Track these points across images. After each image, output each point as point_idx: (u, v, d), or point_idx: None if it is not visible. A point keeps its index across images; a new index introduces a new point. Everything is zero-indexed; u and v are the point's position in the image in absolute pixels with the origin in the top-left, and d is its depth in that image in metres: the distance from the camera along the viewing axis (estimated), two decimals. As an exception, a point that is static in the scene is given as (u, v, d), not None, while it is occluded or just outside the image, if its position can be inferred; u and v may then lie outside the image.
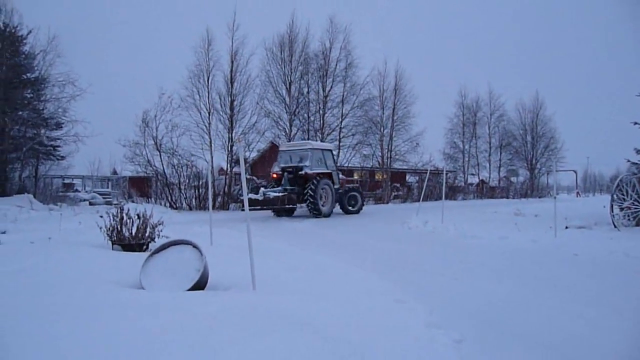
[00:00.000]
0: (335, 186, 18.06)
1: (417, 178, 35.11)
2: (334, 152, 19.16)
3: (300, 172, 17.11)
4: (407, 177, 37.40)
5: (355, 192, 19.28)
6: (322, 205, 17.10)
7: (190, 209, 21.92)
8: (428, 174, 18.66)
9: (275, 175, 17.86)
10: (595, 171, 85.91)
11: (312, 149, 17.61)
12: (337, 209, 19.19)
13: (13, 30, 20.74)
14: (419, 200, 18.90)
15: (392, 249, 8.87)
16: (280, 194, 16.34)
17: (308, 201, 16.70)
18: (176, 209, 21.52)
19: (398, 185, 33.36)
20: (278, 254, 7.69)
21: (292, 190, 16.99)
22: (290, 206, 16.96)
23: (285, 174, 17.42)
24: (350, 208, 18.84)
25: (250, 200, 16.38)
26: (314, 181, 16.66)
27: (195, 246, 5.10)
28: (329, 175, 17.74)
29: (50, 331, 3.10)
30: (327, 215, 17.09)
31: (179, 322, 3.40)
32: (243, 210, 14.92)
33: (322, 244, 9.61)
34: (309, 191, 16.59)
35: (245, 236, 4.98)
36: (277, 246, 8.91)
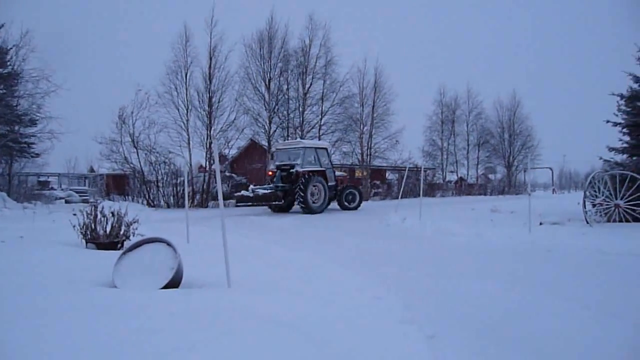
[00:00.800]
0: (330, 183, 18.41)
1: (397, 175, 35.34)
2: (330, 150, 19.37)
3: (291, 170, 17.55)
4: (387, 175, 37.60)
5: (353, 189, 19.78)
6: (314, 202, 17.47)
7: (169, 206, 21.72)
8: (407, 171, 18.81)
9: (270, 173, 18.44)
10: (571, 169, 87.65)
11: (304, 147, 18.05)
12: (335, 205, 19.59)
13: (-16, 25, 20.24)
14: (398, 198, 19.03)
15: (370, 246, 8.91)
16: (269, 191, 17.04)
17: (298, 198, 17.06)
18: (154, 206, 21.29)
19: (378, 182, 33.52)
20: (255, 252, 7.66)
21: (283, 188, 17.56)
22: (276, 203, 17.41)
23: (279, 171, 17.91)
24: (347, 204, 19.22)
25: (241, 196, 17.14)
26: (304, 179, 17.08)
27: (169, 244, 5.05)
28: (322, 173, 18.04)
29: (15, 333, 3.04)
30: (319, 212, 17.44)
31: (150, 321, 3.36)
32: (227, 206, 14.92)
33: (301, 241, 9.60)
34: (299, 188, 16.96)
35: (220, 233, 4.94)
36: (255, 244, 8.88)
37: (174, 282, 4.61)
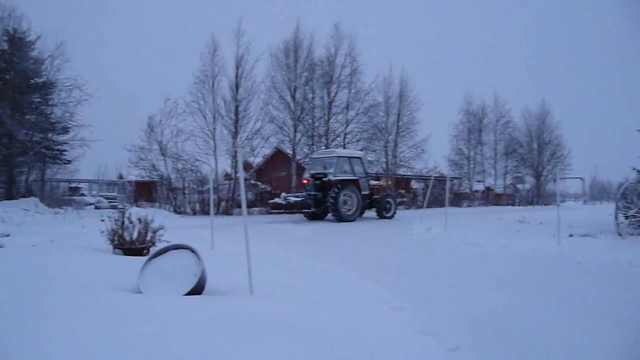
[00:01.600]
0: (363, 192, 18.55)
1: (422, 184, 35.04)
2: (364, 160, 19.58)
3: (324, 179, 17.77)
4: (412, 184, 37.33)
5: (390, 198, 19.92)
6: (346, 211, 17.61)
7: (194, 213, 22.00)
8: (432, 180, 18.65)
9: (305, 181, 18.75)
10: (602, 179, 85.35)
11: (338, 156, 18.29)
12: (368, 213, 19.96)
13: (22, 36, 20.97)
14: (422, 207, 18.89)
15: (393, 256, 8.85)
16: (300, 199, 17.41)
17: (330, 206, 17.30)
18: (180, 213, 21.61)
19: (403, 191, 33.33)
20: (277, 260, 7.68)
21: (315, 196, 17.85)
22: (307, 210, 17.81)
23: (312, 180, 18.20)
24: (384, 213, 19.34)
25: (274, 204, 17.66)
26: (336, 188, 17.27)
27: (193, 251, 5.11)
28: (355, 182, 18.17)
29: (44, 335, 3.11)
30: (351, 220, 17.60)
31: (173, 327, 3.41)
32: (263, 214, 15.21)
33: (323, 250, 9.60)
34: (330, 197, 17.16)
35: (244, 241, 4.98)
36: (278, 251, 8.91)
37: (198, 289, 4.66)
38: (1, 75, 19.60)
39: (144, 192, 25.27)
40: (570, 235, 10.94)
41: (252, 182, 26.12)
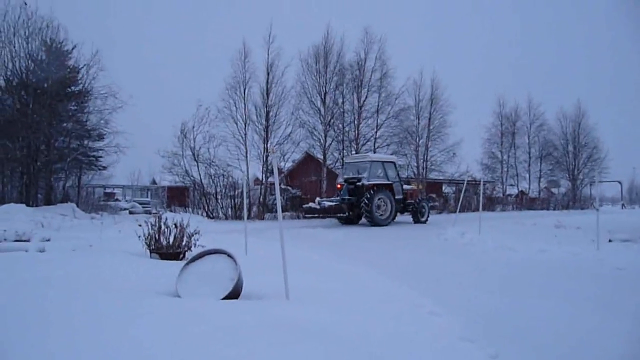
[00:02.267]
0: (397, 197, 18.57)
1: (454, 189, 34.63)
2: (397, 164, 19.61)
3: (358, 183, 17.85)
4: (443, 188, 36.93)
5: (424, 202, 19.96)
6: (380, 215, 17.65)
7: (227, 218, 22.27)
8: (465, 184, 18.38)
9: (339, 186, 18.84)
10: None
11: (371, 161, 18.38)
12: (405, 217, 20.25)
13: (59, 46, 21.66)
14: (455, 211, 18.68)
15: (427, 261, 8.79)
16: (334, 203, 17.55)
17: (363, 211, 17.41)
18: (213, 218, 21.91)
19: (434, 196, 32.99)
20: (311, 264, 7.73)
21: (349, 200, 17.94)
22: (341, 215, 17.84)
23: (346, 184, 18.30)
24: (420, 218, 19.42)
25: (309, 208, 17.78)
26: (370, 192, 17.33)
27: (230, 255, 5.19)
28: (388, 187, 18.19)
29: (89, 337, 3.22)
30: (385, 225, 17.64)
31: (213, 331, 3.47)
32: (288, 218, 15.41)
33: (357, 255, 9.60)
34: (364, 201, 17.23)
35: (279, 246, 5.03)
36: (311, 256, 8.96)
37: (235, 293, 4.73)
38: (40, 84, 20.29)
39: (177, 197, 25.74)
40: (610, 241, 10.65)
41: (283, 186, 26.29)
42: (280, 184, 26.05)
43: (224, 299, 4.61)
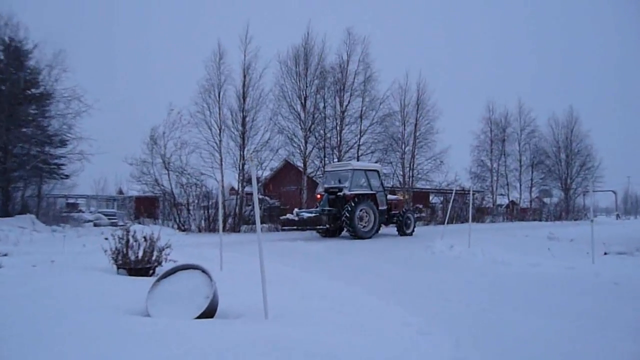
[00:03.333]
0: (381, 207, 18.58)
1: (442, 199, 34.88)
2: (381, 173, 19.63)
3: (339, 193, 17.85)
4: (430, 198, 37.21)
5: (410, 213, 19.99)
6: (363, 227, 17.65)
7: (200, 230, 22.07)
8: (453, 194, 18.59)
9: (319, 196, 18.73)
10: (637, 192, 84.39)
11: (353, 169, 18.29)
12: (390, 229, 20.22)
13: (18, 45, 21.32)
14: (443, 223, 18.81)
15: (414, 276, 8.82)
16: (313, 215, 17.34)
17: (345, 222, 17.32)
18: (184, 230, 21.69)
19: (421, 206, 33.18)
20: (291, 280, 7.69)
21: (330, 211, 17.83)
22: (321, 227, 17.73)
23: (326, 194, 18.23)
24: (405, 230, 19.41)
25: (286, 220, 17.55)
26: (352, 203, 17.29)
27: (204, 271, 5.14)
28: (372, 197, 18.23)
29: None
30: (368, 237, 17.59)
31: (185, 352, 3.42)
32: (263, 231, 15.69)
33: (339, 269, 9.60)
34: (345, 212, 17.20)
35: (257, 260, 4.99)
36: (290, 271, 8.92)
37: (210, 312, 4.68)
38: (-4, 86, 19.94)
39: (146, 208, 25.39)
40: (605, 254, 10.84)
41: (261, 196, 26.19)
42: (258, 194, 25.95)
43: (198, 318, 4.55)
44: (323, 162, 26.77)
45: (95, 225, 26.09)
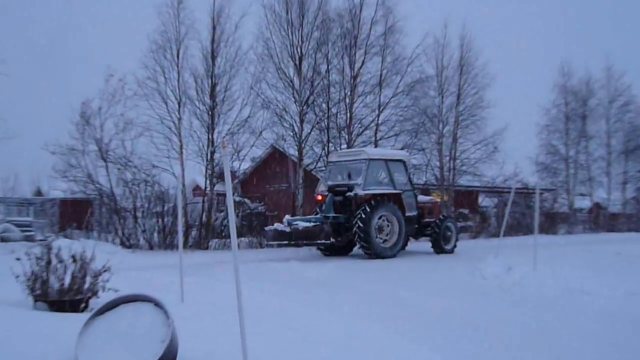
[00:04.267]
0: (409, 213, 18.54)
1: (496, 200, 34.83)
2: (409, 164, 19.53)
3: (348, 194, 17.69)
4: (480, 200, 37.13)
5: (450, 222, 19.91)
6: (383, 242, 17.60)
7: (151, 247, 22.09)
8: (512, 194, 18.47)
9: (320, 198, 18.68)
10: None
11: (368, 159, 18.13)
12: (421, 244, 20.15)
13: None
14: (498, 235, 18.78)
15: (457, 311, 8.83)
16: (312, 224, 17.04)
17: (357, 235, 17.14)
18: (130, 247, 21.70)
19: (466, 211, 33.12)
20: (283, 318, 7.70)
21: (336, 219, 17.67)
22: (324, 242, 17.43)
23: (330, 195, 18.07)
24: (443, 245, 19.29)
25: (275, 232, 17.35)
26: (366, 207, 17.08)
27: (158, 304, 5.14)
28: (395, 198, 18.15)
29: None
30: (390, 256, 17.51)
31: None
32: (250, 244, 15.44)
33: (353, 303, 9.59)
34: (358, 221, 16.99)
35: (233, 289, 4.99)
36: (282, 305, 8.92)
37: (166, 361, 4.69)
38: None
39: (75, 215, 25.37)
40: None
41: (237, 198, 26.16)
42: (234, 195, 25.87)
43: (150, 370, 4.56)
44: (326, 149, 26.71)
45: (2, 240, 26.09)
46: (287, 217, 17.91)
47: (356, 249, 18.67)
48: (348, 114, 27.34)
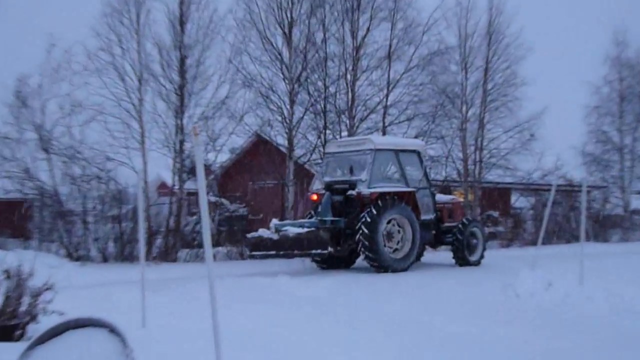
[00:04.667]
0: (425, 217, 18.63)
1: (533, 201, 34.85)
2: (425, 155, 19.53)
3: (350, 192, 17.75)
4: (512, 200, 37.15)
5: (476, 227, 20.01)
6: (393, 252, 17.67)
7: (105, 259, 22.10)
8: (553, 192, 18.44)
9: (315, 197, 18.73)
10: None
11: (375, 149, 18.14)
12: (441, 254, 20.30)
13: None
14: (535, 243, 18.82)
15: (483, 337, 8.83)
16: (306, 230, 17.01)
17: (362, 244, 17.13)
18: (79, 259, 21.67)
19: (496, 214, 33.16)
20: (269, 347, 7.69)
21: (335, 224, 17.67)
22: (321, 252, 17.17)
23: (328, 194, 18.12)
24: (468, 256, 19.34)
25: (259, 240, 17.37)
26: (372, 209, 17.12)
27: (113, 330, 5.12)
28: (408, 198, 18.23)
29: None
30: (402, 269, 17.56)
31: None
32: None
33: (358, 328, 9.57)
34: (362, 226, 17.01)
35: (207, 310, 4.98)
36: (268, 330, 8.92)
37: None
38: None
39: (8, 220, 25.34)
40: None
41: (213, 198, 26.15)
42: (208, 194, 25.75)
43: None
44: (323, 137, 26.70)
45: None
46: (275, 221, 17.82)
47: (360, 261, 18.69)
48: (349, 94, 27.36)
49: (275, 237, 16.95)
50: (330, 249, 17.27)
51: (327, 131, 26.86)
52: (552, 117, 32.26)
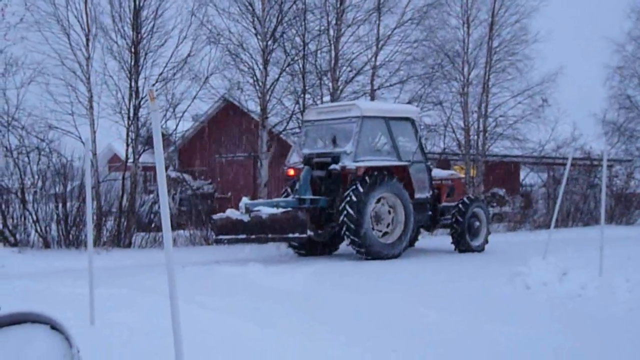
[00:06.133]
0: (419, 195, 18.74)
1: (545, 177, 34.97)
2: (419, 123, 19.52)
3: (333, 167, 17.78)
4: (521, 176, 37.26)
5: (479, 207, 20.09)
6: (382, 236, 17.84)
7: (47, 244, 22.02)
8: (568, 167, 18.46)
9: (291, 173, 18.87)
10: None
11: (362, 117, 18.11)
12: (439, 238, 20.47)
13: None
14: (548, 226, 18.88)
15: (486, 335, 8.87)
16: (281, 211, 17.02)
17: (346, 226, 17.17)
18: (16, 244, 21.63)
19: (502, 192, 33.27)
20: (237, 347, 7.69)
21: (315, 203, 17.81)
22: (300, 235, 17.14)
23: (307, 168, 18.15)
24: (469, 240, 19.46)
25: (227, 221, 17.44)
26: (358, 186, 17.13)
27: (56, 327, 5.10)
28: (400, 173, 18.25)
29: None
30: (392, 255, 17.68)
31: None
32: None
33: (344, 325, 9.59)
34: (346, 206, 17.05)
35: (166, 304, 4.96)
36: (236, 328, 8.91)
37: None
38: None
39: None
40: None
41: (173, 174, 26.13)
42: (168, 169, 25.73)
43: None
44: (301, 102, 26.65)
45: None
46: (245, 200, 17.72)
47: (344, 246, 18.71)
48: (332, 53, 27.37)
49: (246, 218, 16.84)
50: (309, 232, 17.27)
51: (307, 95, 26.84)
52: (568, 80, 32.37)
